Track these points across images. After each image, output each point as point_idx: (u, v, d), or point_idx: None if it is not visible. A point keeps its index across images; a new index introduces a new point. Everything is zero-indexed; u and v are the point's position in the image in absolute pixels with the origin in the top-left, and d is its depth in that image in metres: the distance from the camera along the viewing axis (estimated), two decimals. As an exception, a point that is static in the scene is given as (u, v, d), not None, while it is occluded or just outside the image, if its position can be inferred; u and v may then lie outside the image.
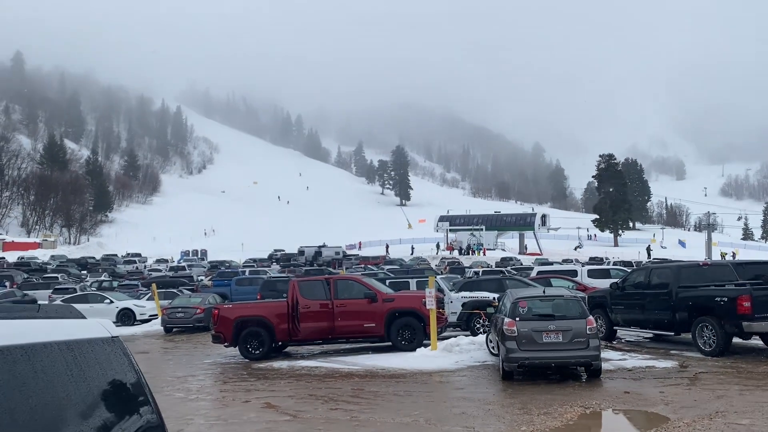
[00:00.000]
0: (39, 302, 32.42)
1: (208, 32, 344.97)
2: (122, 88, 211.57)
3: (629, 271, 21.61)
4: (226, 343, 15.73)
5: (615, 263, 43.79)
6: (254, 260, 63.20)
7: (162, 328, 23.99)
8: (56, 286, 35.27)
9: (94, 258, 70.70)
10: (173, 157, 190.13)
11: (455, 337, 15.17)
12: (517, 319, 11.21)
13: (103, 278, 46.06)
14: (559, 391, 10.45)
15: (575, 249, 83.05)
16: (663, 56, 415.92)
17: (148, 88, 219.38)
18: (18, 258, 67.17)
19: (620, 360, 13.23)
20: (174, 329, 23.93)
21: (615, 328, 16.66)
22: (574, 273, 26.79)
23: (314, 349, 16.74)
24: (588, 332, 11.03)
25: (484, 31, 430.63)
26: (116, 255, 74.25)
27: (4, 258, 66.36)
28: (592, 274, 27.11)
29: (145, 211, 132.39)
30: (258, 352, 15.44)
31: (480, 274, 31.90)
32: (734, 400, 9.33)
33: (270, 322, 15.46)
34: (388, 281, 20.29)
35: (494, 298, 17.02)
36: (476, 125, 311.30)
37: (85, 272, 55.70)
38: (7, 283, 38.28)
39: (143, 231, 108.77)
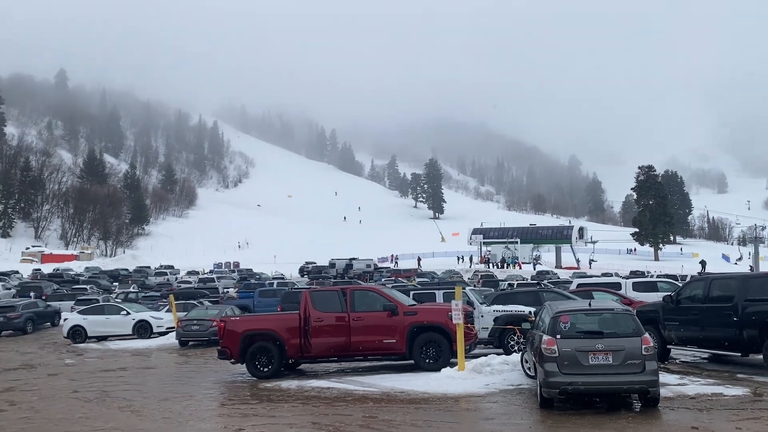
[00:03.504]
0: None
1: (245, 50, 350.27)
2: (161, 104, 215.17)
3: (685, 282, 19.55)
4: (232, 360, 14.32)
5: (659, 276, 41.30)
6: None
7: (177, 341, 22.80)
8: (79, 297, 34.61)
9: (126, 270, 70.70)
10: (209, 171, 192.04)
11: (486, 355, 13.43)
12: (558, 336, 9.50)
13: (130, 290, 45.59)
14: (610, 424, 8.72)
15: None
16: (703, 66, 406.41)
17: (186, 104, 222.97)
18: (53, 270, 67.49)
19: (679, 385, 11.35)
20: (190, 342, 22.71)
21: (668, 346, 14.74)
22: (618, 286, 24.76)
23: (330, 366, 15.23)
24: (644, 353, 9.26)
25: (519, 45, 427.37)
26: (149, 267, 74.31)
27: (39, 270, 66.80)
28: (637, 287, 25.03)
29: (181, 224, 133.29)
30: (267, 369, 13.96)
31: (515, 286, 30.02)
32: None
33: (280, 336, 13.99)
34: (412, 293, 18.67)
35: (530, 313, 15.30)
36: (511, 138, 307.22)
37: (116, 284, 55.44)
38: (32, 294, 37.88)
39: (179, 244, 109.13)
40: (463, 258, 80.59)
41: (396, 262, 79.62)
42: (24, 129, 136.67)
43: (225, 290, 44.03)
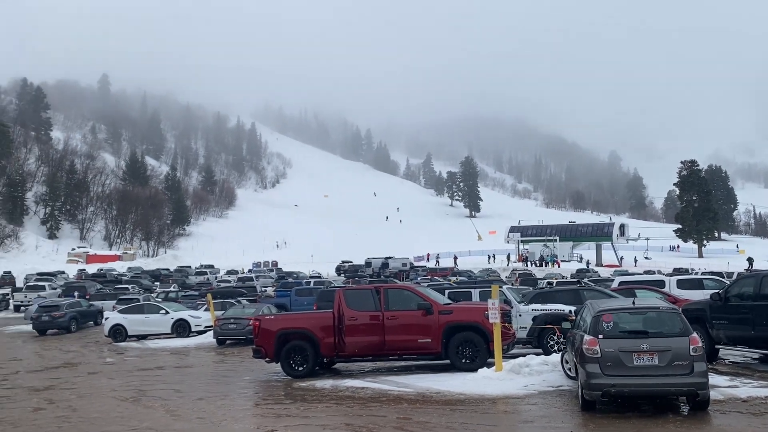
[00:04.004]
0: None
1: (281, 52, 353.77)
2: (200, 107, 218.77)
3: (733, 279, 18.75)
4: (267, 359, 14.26)
5: (704, 273, 39.93)
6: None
7: (215, 340, 22.95)
8: (121, 297, 35.26)
9: (168, 269, 71.93)
10: (248, 172, 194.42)
11: (524, 356, 13.06)
12: (601, 336, 9.11)
13: (171, 289, 46.33)
14: (657, 428, 8.30)
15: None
16: (747, 56, 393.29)
17: (225, 107, 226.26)
18: (97, 270, 69.14)
19: (729, 387, 10.81)
20: (227, 341, 22.84)
21: (717, 346, 14.11)
22: (662, 283, 23.93)
23: (365, 365, 15.06)
24: (692, 353, 8.81)
25: (556, 39, 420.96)
26: (189, 267, 75.41)
27: (84, 270, 68.51)
28: (682, 284, 24.14)
29: (221, 225, 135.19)
30: (301, 369, 13.85)
31: (554, 284, 29.37)
32: None
33: (314, 335, 13.87)
34: (447, 291, 18.35)
35: (570, 312, 14.84)
36: (549, 134, 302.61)
37: (157, 283, 56.44)
38: (76, 294, 38.78)
39: (219, 243, 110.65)
40: (494, 257, 79.43)
41: (438, 261, 79.21)
42: (69, 133, 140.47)
43: (263, 289, 44.37)
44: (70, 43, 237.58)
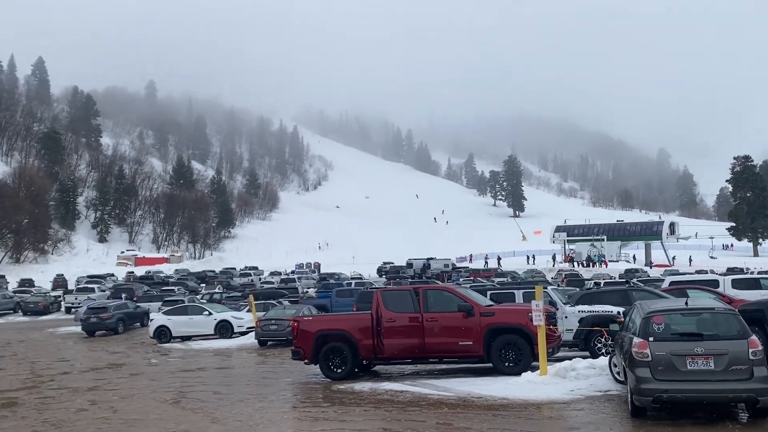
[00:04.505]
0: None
1: (322, 56, 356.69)
2: (244, 111, 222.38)
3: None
4: (305, 360, 14.13)
5: (760, 273, 38.19)
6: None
7: (256, 341, 23.02)
8: (166, 298, 35.83)
9: (213, 271, 72.97)
10: (291, 175, 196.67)
11: (570, 359, 12.58)
12: (651, 339, 8.61)
13: (216, 290, 46.99)
14: (714, 438, 7.79)
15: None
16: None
17: (268, 111, 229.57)
18: (145, 272, 70.65)
19: (792, 394, 10.11)
20: (268, 342, 22.87)
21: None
22: (715, 283, 22.93)
23: (405, 368, 14.77)
24: (751, 357, 8.24)
25: (600, 36, 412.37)
26: (234, 268, 76.45)
27: (132, 272, 70.14)
28: (737, 284, 23.08)
29: (265, 227, 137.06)
30: (340, 371, 13.67)
31: (601, 285, 28.51)
32: None
33: (353, 337, 13.66)
34: (489, 292, 17.89)
35: (619, 313, 14.28)
36: (595, 132, 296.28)
37: (203, 285, 57.33)
38: (123, 295, 39.65)
39: (263, 245, 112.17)
40: (534, 257, 77.96)
41: (486, 262, 78.39)
42: (118, 139, 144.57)
43: (305, 290, 44.56)
44: (117, 51, 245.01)
